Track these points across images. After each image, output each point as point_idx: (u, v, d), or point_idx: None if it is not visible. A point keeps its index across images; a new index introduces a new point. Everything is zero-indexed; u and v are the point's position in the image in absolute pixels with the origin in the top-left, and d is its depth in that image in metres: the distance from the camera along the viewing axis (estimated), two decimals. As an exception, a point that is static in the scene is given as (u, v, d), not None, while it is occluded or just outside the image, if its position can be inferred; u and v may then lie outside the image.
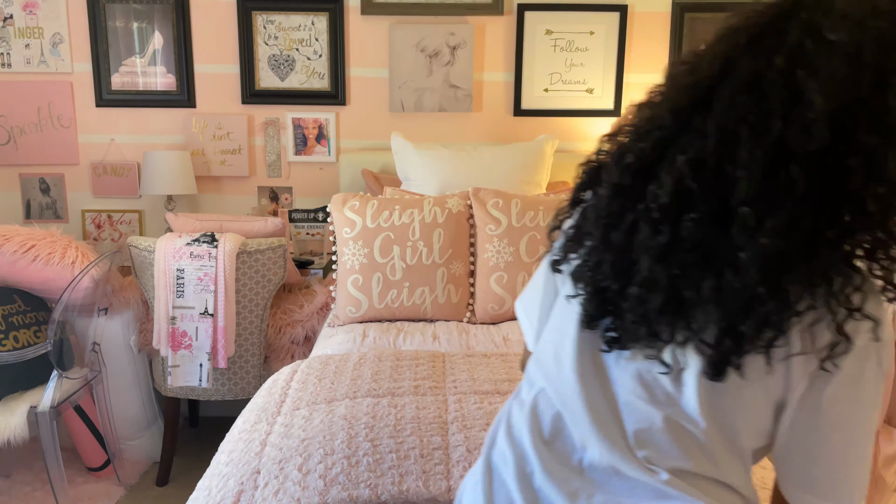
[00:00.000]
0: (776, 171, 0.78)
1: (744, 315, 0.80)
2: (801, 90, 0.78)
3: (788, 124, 0.78)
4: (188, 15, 3.25)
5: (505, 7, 3.26)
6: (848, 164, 0.76)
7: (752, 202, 0.79)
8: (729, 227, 0.80)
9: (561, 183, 3.13)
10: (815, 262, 0.79)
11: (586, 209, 0.96)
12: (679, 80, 0.88)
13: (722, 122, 0.81)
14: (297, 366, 1.90)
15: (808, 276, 0.79)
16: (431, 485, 1.31)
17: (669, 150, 0.85)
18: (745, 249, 0.79)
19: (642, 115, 0.91)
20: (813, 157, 0.77)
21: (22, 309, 2.55)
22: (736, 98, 0.81)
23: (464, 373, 1.78)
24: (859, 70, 0.76)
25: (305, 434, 1.49)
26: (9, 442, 2.39)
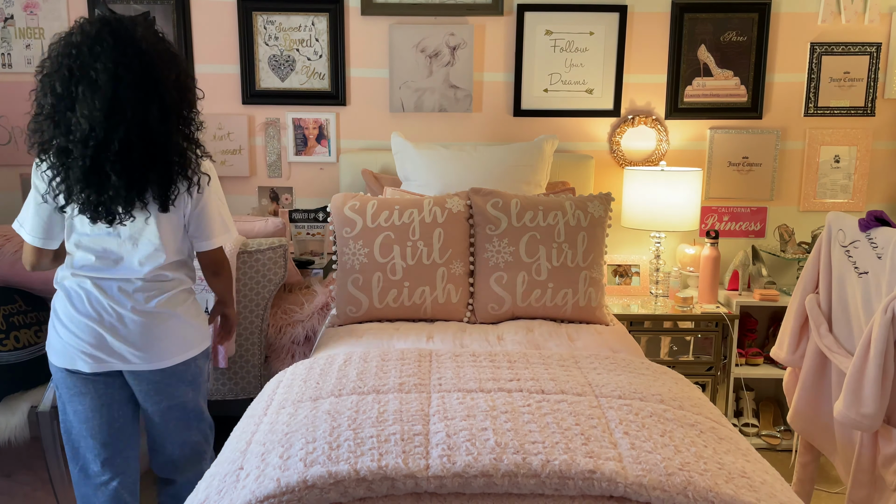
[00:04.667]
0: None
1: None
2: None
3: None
4: (188, 15, 3.25)
5: (505, 7, 3.26)
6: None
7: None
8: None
9: (561, 183, 3.13)
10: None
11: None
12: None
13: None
14: (285, 373, 1.91)
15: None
16: (410, 462, 1.33)
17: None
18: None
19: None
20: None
21: (23, 309, 2.55)
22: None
23: (449, 371, 1.78)
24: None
25: (289, 428, 1.51)
26: (9, 442, 2.39)
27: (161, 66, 1.75)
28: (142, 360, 1.89)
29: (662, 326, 3.06)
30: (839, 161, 3.39)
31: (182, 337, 1.93)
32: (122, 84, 1.69)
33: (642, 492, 1.30)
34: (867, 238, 2.12)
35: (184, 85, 1.81)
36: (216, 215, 1.94)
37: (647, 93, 3.36)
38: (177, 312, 1.91)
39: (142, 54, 1.72)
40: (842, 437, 2.22)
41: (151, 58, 1.73)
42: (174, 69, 1.79)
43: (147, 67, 1.72)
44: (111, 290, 1.87)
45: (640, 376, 1.82)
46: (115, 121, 1.70)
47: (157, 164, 1.77)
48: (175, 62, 1.80)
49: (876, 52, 3.31)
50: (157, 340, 1.88)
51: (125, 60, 1.70)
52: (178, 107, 1.80)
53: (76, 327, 1.86)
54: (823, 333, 2.30)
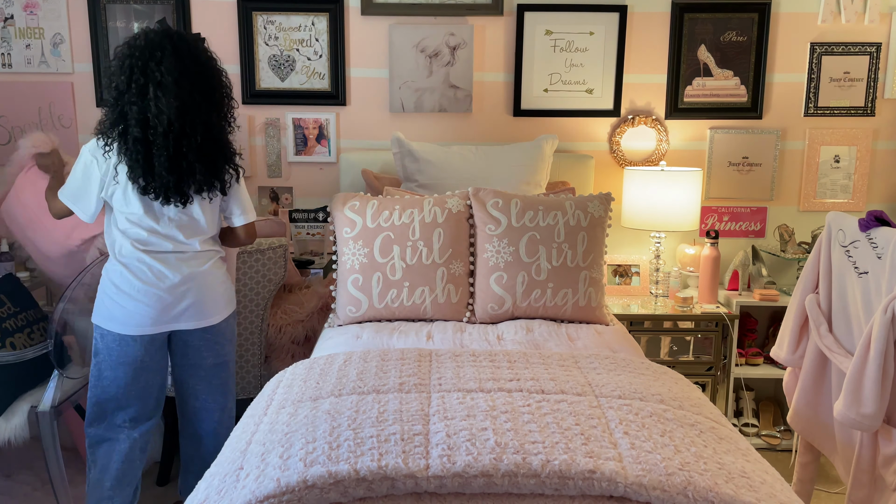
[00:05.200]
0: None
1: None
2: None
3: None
4: (188, 15, 3.25)
5: (505, 7, 3.26)
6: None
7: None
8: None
9: (561, 183, 3.13)
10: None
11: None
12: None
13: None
14: (285, 373, 1.91)
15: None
16: (410, 462, 1.33)
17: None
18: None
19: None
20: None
21: (12, 311, 2.54)
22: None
23: (449, 371, 1.78)
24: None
25: (289, 428, 1.51)
26: (9, 442, 2.39)
27: (215, 76, 2.13)
28: (199, 318, 2.20)
29: (662, 326, 3.06)
30: (839, 161, 3.39)
31: (225, 295, 2.28)
32: (185, 88, 2.03)
33: (642, 492, 1.30)
34: (867, 238, 2.12)
35: (229, 94, 2.20)
36: (247, 197, 2.33)
37: (647, 93, 3.36)
38: (221, 274, 2.27)
39: (200, 65, 2.09)
40: (842, 437, 2.22)
41: (207, 69, 2.11)
42: (222, 79, 2.17)
43: (204, 77, 2.09)
44: (169, 261, 2.16)
45: (640, 376, 1.82)
46: (189, 119, 2.04)
47: (220, 158, 2.16)
48: (222, 74, 2.17)
49: (876, 52, 3.31)
50: (210, 299, 2.21)
51: (184, 68, 2.04)
52: (227, 111, 2.19)
53: (142, 295, 2.13)
54: (823, 333, 2.30)
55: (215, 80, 2.13)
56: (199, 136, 2.06)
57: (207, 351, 2.27)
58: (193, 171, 2.09)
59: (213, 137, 2.12)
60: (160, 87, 2.01)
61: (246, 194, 2.33)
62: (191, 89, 2.04)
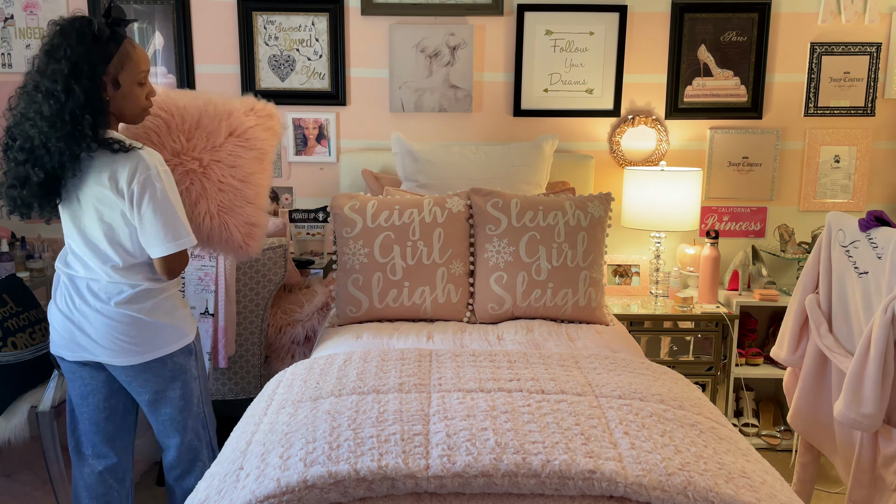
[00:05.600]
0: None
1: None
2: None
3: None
4: (188, 15, 3.25)
5: (505, 7, 3.26)
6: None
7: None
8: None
9: (561, 183, 3.13)
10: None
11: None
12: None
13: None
14: (285, 373, 1.91)
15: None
16: (410, 462, 1.33)
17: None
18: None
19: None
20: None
21: (15, 311, 2.54)
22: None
23: (450, 371, 1.78)
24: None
25: (289, 428, 1.51)
26: (9, 442, 2.39)
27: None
28: (109, 356, 1.94)
29: (662, 326, 3.06)
30: (839, 161, 3.39)
31: (146, 335, 1.94)
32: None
33: (642, 492, 1.31)
34: (867, 238, 2.12)
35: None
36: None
37: (647, 93, 3.36)
38: (138, 311, 1.92)
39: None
40: (842, 437, 2.22)
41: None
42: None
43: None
44: (80, 287, 1.94)
45: (640, 376, 1.82)
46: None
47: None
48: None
49: (876, 52, 3.31)
50: (119, 338, 1.91)
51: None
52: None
53: (54, 319, 1.99)
54: (823, 333, 2.30)
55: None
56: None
57: (139, 387, 2.01)
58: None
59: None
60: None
61: (153, 206, 1.84)
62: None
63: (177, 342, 2.00)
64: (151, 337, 1.95)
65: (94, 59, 1.79)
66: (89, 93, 1.78)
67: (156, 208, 1.82)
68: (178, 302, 2.04)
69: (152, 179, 1.81)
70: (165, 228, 1.84)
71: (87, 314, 1.92)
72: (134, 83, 1.87)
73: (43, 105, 1.78)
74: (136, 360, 1.94)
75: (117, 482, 2.12)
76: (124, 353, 1.93)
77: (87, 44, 1.78)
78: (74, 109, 1.77)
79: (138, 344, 1.93)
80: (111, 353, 1.93)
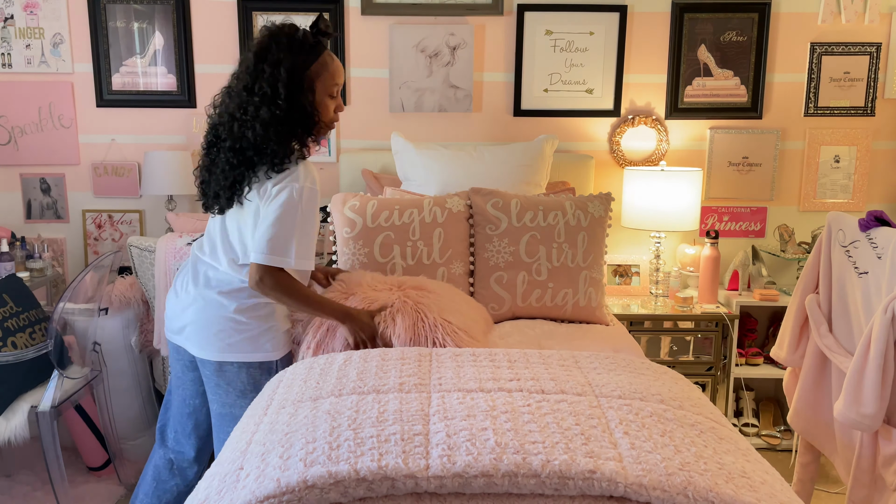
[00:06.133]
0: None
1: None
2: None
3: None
4: (189, 15, 3.25)
5: (505, 7, 3.26)
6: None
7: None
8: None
9: (561, 183, 3.13)
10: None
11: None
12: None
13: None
14: (285, 373, 1.90)
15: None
16: (411, 462, 1.33)
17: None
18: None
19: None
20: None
21: (15, 311, 2.55)
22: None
23: (450, 370, 1.78)
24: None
25: (289, 428, 1.51)
26: (9, 442, 2.39)
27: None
28: (195, 346, 1.99)
29: (662, 326, 3.06)
30: (839, 161, 3.39)
31: (231, 330, 1.95)
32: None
33: (642, 492, 1.30)
34: (867, 238, 2.12)
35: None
36: (271, 223, 1.91)
37: (647, 93, 3.36)
38: (233, 304, 1.94)
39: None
40: (842, 437, 2.22)
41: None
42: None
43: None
44: (198, 270, 2.02)
45: (640, 376, 1.82)
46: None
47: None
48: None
49: (876, 52, 3.31)
50: (208, 327, 1.95)
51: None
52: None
53: (169, 297, 2.07)
54: (823, 333, 2.30)
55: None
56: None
57: (212, 393, 2.02)
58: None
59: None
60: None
61: (277, 216, 1.88)
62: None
63: (257, 352, 1.98)
64: (236, 335, 1.95)
65: (301, 65, 1.87)
66: (306, 100, 1.87)
67: (279, 217, 1.85)
68: (280, 316, 2.05)
69: (294, 191, 1.88)
70: (275, 240, 1.86)
71: (194, 297, 1.98)
72: (326, 94, 1.92)
73: (261, 109, 1.83)
74: (215, 355, 1.96)
75: (181, 477, 2.16)
76: (208, 343, 1.95)
77: (296, 50, 1.87)
78: (293, 116, 1.84)
79: (221, 338, 1.94)
80: (196, 340, 1.97)
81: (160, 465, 2.17)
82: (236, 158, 1.87)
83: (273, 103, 1.84)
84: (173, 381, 2.15)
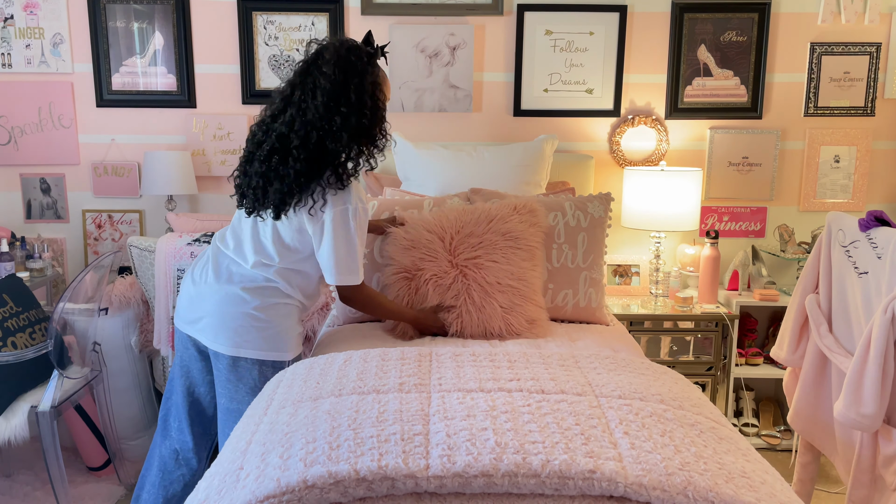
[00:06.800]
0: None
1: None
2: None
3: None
4: (188, 15, 3.25)
5: (505, 7, 3.26)
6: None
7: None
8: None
9: (561, 183, 3.13)
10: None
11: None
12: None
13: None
14: (285, 373, 1.91)
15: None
16: (411, 462, 1.33)
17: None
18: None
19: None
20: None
21: (15, 311, 2.55)
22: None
23: (450, 371, 1.78)
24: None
25: (289, 428, 1.51)
26: (9, 442, 2.39)
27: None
28: (211, 337, 2.01)
29: (662, 326, 3.06)
30: (839, 161, 3.39)
31: (250, 326, 2.00)
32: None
33: (642, 492, 1.30)
34: (867, 238, 2.12)
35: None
36: (337, 242, 1.99)
37: (647, 93, 3.36)
38: (255, 300, 1.99)
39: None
40: (842, 437, 2.22)
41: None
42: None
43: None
44: (220, 264, 2.05)
45: (640, 376, 1.82)
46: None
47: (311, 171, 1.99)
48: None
49: (876, 52, 3.31)
50: (227, 321, 1.99)
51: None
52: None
53: (185, 287, 2.10)
54: (823, 333, 2.30)
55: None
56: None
57: (223, 387, 2.05)
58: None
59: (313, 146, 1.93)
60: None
61: (335, 236, 1.96)
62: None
63: (273, 350, 2.04)
64: (254, 331, 2.00)
65: (376, 77, 1.97)
66: (383, 111, 1.99)
67: (346, 238, 1.97)
68: (297, 318, 2.12)
69: (350, 212, 1.96)
70: (347, 260, 1.98)
71: (215, 289, 2.01)
72: (385, 107, 2.03)
73: (350, 118, 1.89)
74: (231, 349, 2.00)
75: (187, 467, 2.19)
76: (225, 336, 1.99)
77: (372, 63, 1.98)
78: (375, 127, 1.95)
79: (239, 333, 1.99)
80: (213, 332, 2.00)
81: (165, 456, 2.19)
82: (306, 167, 1.90)
83: (361, 114, 1.90)
84: (175, 371, 2.16)
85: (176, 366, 2.17)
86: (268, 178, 1.94)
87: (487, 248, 2.33)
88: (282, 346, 2.05)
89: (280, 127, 1.92)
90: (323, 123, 1.88)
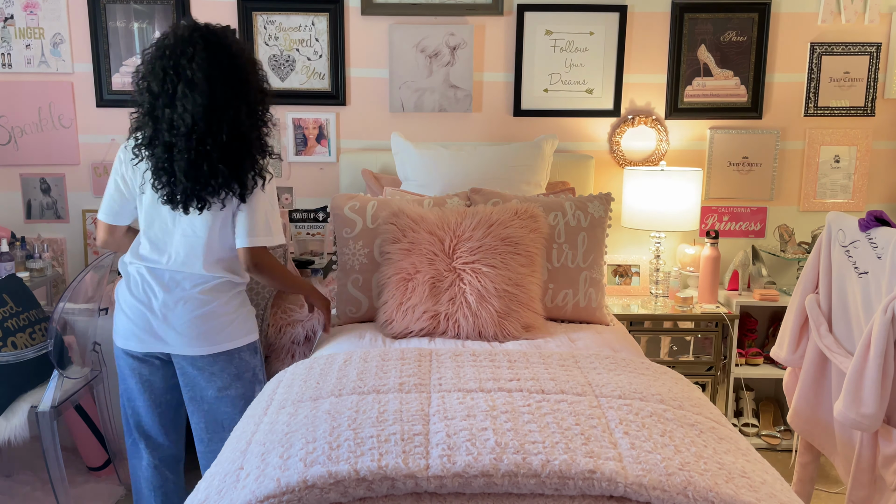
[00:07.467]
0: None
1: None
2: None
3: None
4: (188, 15, 3.25)
5: (505, 7, 3.26)
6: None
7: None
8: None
9: (561, 183, 3.13)
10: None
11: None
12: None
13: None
14: (285, 373, 1.91)
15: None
16: (410, 462, 1.33)
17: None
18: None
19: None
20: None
21: (14, 311, 2.54)
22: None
23: (449, 371, 1.78)
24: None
25: (289, 428, 1.51)
26: (9, 442, 2.39)
27: (248, 69, 1.97)
28: (184, 345, 2.04)
29: (662, 326, 3.06)
30: (839, 161, 3.39)
31: (221, 326, 2.06)
32: (216, 83, 1.89)
33: (642, 492, 1.30)
34: (867, 238, 2.12)
35: (262, 88, 2.02)
36: (263, 213, 2.05)
37: (647, 93, 3.36)
38: (218, 300, 2.05)
39: (232, 58, 1.93)
40: (842, 437, 2.22)
41: (240, 61, 1.95)
42: (255, 74, 2.01)
43: (236, 70, 1.93)
44: (163, 278, 2.04)
45: (640, 376, 1.82)
46: (215, 117, 1.89)
47: (247, 157, 1.97)
48: (256, 68, 2.01)
49: (876, 52, 3.31)
50: (197, 326, 2.02)
51: (217, 62, 1.90)
52: (259, 108, 2.01)
53: (130, 310, 2.05)
54: (823, 333, 2.30)
55: (247, 72, 1.96)
56: (225, 135, 1.90)
57: (206, 381, 2.09)
58: (216, 173, 1.92)
59: (241, 135, 1.94)
60: (189, 85, 1.87)
61: (263, 210, 2.04)
62: (222, 85, 1.90)
63: (245, 337, 2.12)
64: (224, 327, 2.06)
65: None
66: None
67: (261, 204, 2.02)
68: (246, 299, 2.20)
69: (267, 180, 2.05)
70: (263, 223, 2.02)
71: (170, 304, 2.02)
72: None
73: (262, 106, 2.05)
74: (207, 349, 2.05)
75: (172, 473, 2.24)
76: (199, 341, 2.03)
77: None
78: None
79: (211, 333, 2.05)
80: (186, 341, 2.03)
81: (150, 476, 2.21)
82: (238, 155, 1.96)
83: (266, 101, 2.04)
84: (133, 393, 2.15)
85: (131, 390, 2.15)
86: (197, 167, 2.01)
87: (486, 252, 2.33)
88: (251, 328, 2.15)
89: (194, 114, 2.00)
90: (249, 112, 2.01)
